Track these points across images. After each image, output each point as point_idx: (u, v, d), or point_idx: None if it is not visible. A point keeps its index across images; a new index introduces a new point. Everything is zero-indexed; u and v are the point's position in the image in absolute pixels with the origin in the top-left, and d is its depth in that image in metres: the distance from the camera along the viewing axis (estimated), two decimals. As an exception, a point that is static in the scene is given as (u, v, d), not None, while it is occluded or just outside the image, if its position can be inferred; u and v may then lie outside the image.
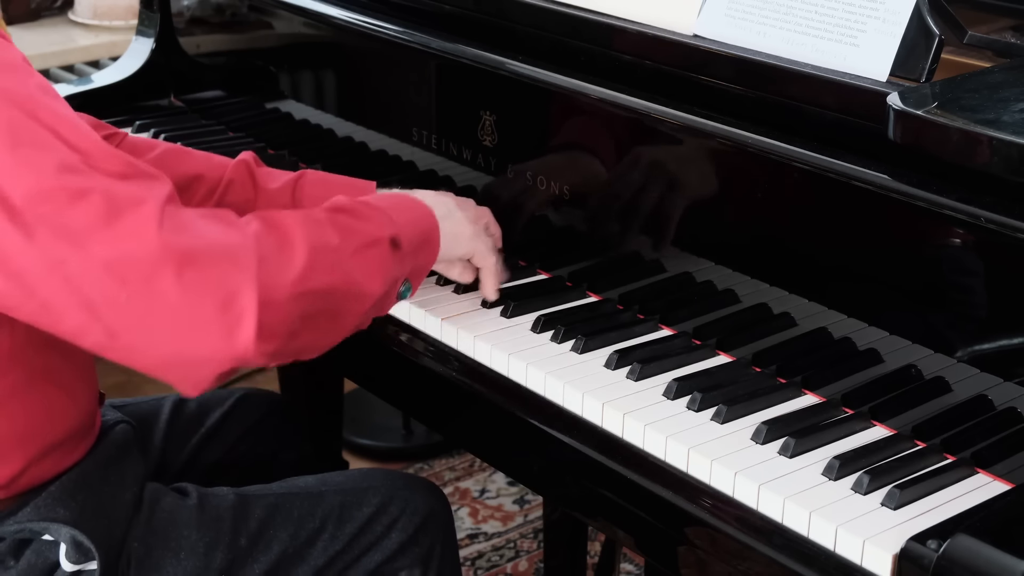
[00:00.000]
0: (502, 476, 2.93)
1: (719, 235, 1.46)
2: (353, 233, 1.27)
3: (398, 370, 1.57)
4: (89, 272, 1.12)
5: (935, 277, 1.26)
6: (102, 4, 3.37)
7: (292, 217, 1.25)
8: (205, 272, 1.13)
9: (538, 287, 1.59)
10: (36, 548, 1.35)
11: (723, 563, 1.20)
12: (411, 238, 1.35)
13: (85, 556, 1.35)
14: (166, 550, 1.41)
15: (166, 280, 1.12)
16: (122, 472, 1.43)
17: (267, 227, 1.21)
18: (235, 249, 1.16)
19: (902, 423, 1.29)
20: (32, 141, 1.13)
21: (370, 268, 1.28)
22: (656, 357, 1.41)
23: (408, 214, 1.38)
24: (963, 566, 1.03)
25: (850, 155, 1.29)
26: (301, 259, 1.20)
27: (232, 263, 1.15)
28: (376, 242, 1.29)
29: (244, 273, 1.15)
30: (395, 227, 1.32)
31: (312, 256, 1.21)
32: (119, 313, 1.12)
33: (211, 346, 1.14)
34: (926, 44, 1.30)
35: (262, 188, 1.61)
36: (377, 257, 1.29)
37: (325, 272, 1.22)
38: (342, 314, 1.27)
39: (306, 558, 1.50)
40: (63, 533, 1.34)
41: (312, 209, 1.31)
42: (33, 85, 1.17)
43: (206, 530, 1.44)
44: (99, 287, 1.12)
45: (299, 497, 1.53)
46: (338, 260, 1.24)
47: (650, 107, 1.46)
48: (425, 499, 1.60)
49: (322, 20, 1.90)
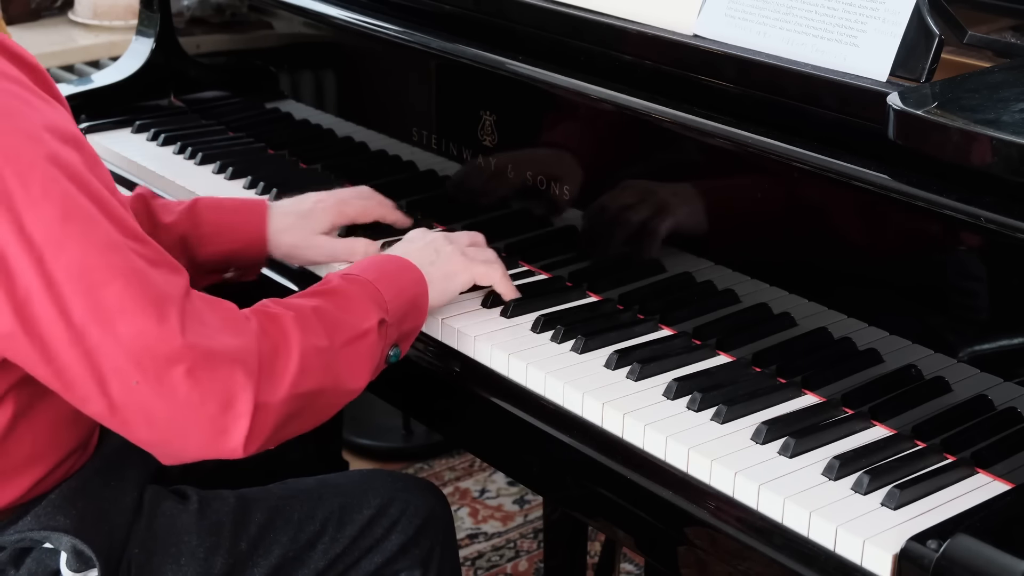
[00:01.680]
0: (502, 476, 2.93)
1: (719, 235, 1.46)
2: (341, 328, 1.31)
3: (398, 370, 1.56)
4: (109, 351, 1.16)
5: (935, 277, 1.26)
6: (102, 4, 3.38)
7: (287, 317, 1.28)
8: (214, 373, 1.19)
9: (538, 287, 1.59)
10: (36, 556, 1.35)
11: (723, 563, 1.20)
12: (397, 309, 1.38)
13: (86, 564, 1.35)
14: (166, 556, 1.41)
15: (178, 375, 1.17)
16: (122, 476, 1.43)
17: (265, 328, 1.26)
18: (242, 353, 1.21)
19: (902, 423, 1.29)
20: (82, 217, 1.17)
21: (358, 363, 1.32)
22: (656, 357, 1.41)
23: (395, 283, 1.40)
24: (963, 566, 1.03)
25: (850, 155, 1.29)
26: (295, 364, 1.25)
27: (238, 366, 1.20)
28: (364, 334, 1.33)
29: (247, 377, 1.20)
30: (382, 307, 1.36)
31: (303, 360, 1.26)
32: (127, 394, 1.18)
33: (201, 442, 1.21)
34: (926, 44, 1.30)
35: (159, 223, 1.63)
36: (365, 350, 1.33)
37: (315, 375, 1.27)
38: (326, 409, 1.33)
39: (306, 561, 1.50)
40: (63, 542, 1.34)
41: (301, 299, 1.34)
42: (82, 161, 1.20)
43: (206, 535, 1.44)
44: (115, 366, 1.17)
45: (299, 500, 1.53)
46: (327, 362, 1.29)
47: (650, 107, 1.46)
48: (425, 500, 1.60)
49: (322, 20, 1.90)
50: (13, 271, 1.15)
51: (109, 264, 1.17)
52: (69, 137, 1.21)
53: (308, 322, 1.29)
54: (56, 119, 1.21)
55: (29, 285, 1.15)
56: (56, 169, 1.16)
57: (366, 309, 1.34)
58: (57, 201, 1.15)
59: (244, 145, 2.09)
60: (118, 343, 1.16)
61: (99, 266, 1.16)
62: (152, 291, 1.18)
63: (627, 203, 1.52)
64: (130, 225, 1.21)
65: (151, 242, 1.23)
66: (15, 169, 1.14)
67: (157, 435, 1.21)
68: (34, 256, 1.14)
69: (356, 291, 1.36)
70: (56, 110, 1.23)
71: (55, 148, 1.17)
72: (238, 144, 2.09)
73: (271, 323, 1.27)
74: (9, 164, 1.14)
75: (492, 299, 1.53)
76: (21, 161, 1.14)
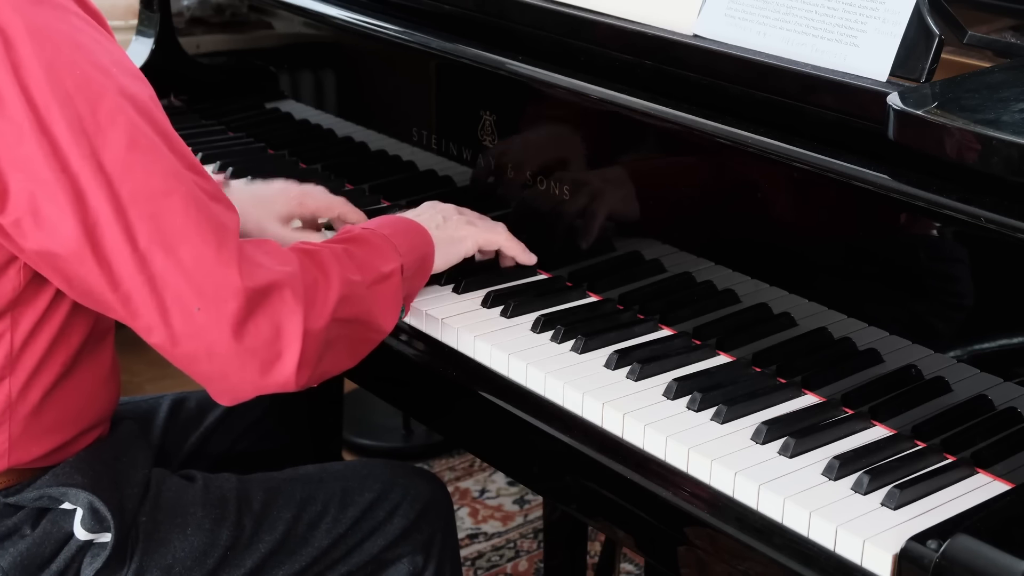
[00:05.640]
0: (502, 476, 2.93)
1: (719, 235, 1.46)
2: (369, 267, 1.36)
3: (398, 370, 1.57)
4: (172, 277, 1.21)
5: (935, 277, 1.26)
6: (102, 4, 3.37)
7: (324, 251, 1.33)
8: (268, 299, 1.23)
9: (538, 287, 1.59)
10: (52, 518, 1.38)
11: (723, 563, 1.20)
12: (411, 264, 1.43)
13: (100, 525, 1.38)
14: (173, 526, 1.44)
15: (236, 302, 1.21)
16: (132, 456, 1.47)
17: (304, 261, 1.29)
18: (290, 279, 1.25)
19: (902, 423, 1.29)
20: (148, 146, 1.21)
21: (385, 302, 1.37)
22: (656, 357, 1.41)
23: (408, 240, 1.45)
24: (963, 566, 1.03)
25: (850, 155, 1.29)
26: (336, 290, 1.29)
27: (287, 291, 1.24)
28: (389, 275, 1.37)
29: (296, 303, 1.24)
30: (400, 257, 1.40)
31: (343, 288, 1.30)
32: (188, 322, 1.21)
33: (257, 371, 1.25)
34: (926, 44, 1.30)
35: None
36: (391, 290, 1.38)
37: (353, 304, 1.32)
38: (361, 344, 1.37)
39: (309, 540, 1.52)
40: (81, 498, 1.37)
41: (329, 242, 1.39)
42: (147, 95, 1.25)
43: (211, 508, 1.47)
44: (177, 293, 1.21)
45: (300, 482, 1.56)
46: (362, 295, 1.33)
47: (650, 107, 1.46)
48: (426, 487, 1.62)
49: (322, 20, 1.90)
50: (85, 194, 1.19)
51: (173, 192, 1.21)
52: (135, 74, 1.26)
53: (342, 258, 1.33)
54: (122, 58, 1.27)
55: (99, 208, 1.19)
56: (124, 100, 1.21)
57: (389, 254, 1.39)
58: (124, 129, 1.20)
59: (244, 145, 2.09)
60: (180, 269, 1.20)
61: (163, 192, 1.21)
62: (213, 221, 1.23)
63: (627, 203, 1.52)
64: (192, 159, 1.26)
65: (210, 177, 1.28)
66: (86, 97, 1.19)
67: (217, 366, 1.24)
68: (104, 179, 1.19)
69: (377, 240, 1.40)
70: (121, 51, 1.28)
71: (123, 82, 1.22)
72: (238, 144, 2.09)
73: (309, 257, 1.31)
74: (81, 93, 1.19)
75: (492, 299, 1.54)
76: (92, 90, 1.19)
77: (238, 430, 1.76)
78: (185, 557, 1.43)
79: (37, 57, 1.18)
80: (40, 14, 1.20)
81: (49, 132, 1.18)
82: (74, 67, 1.19)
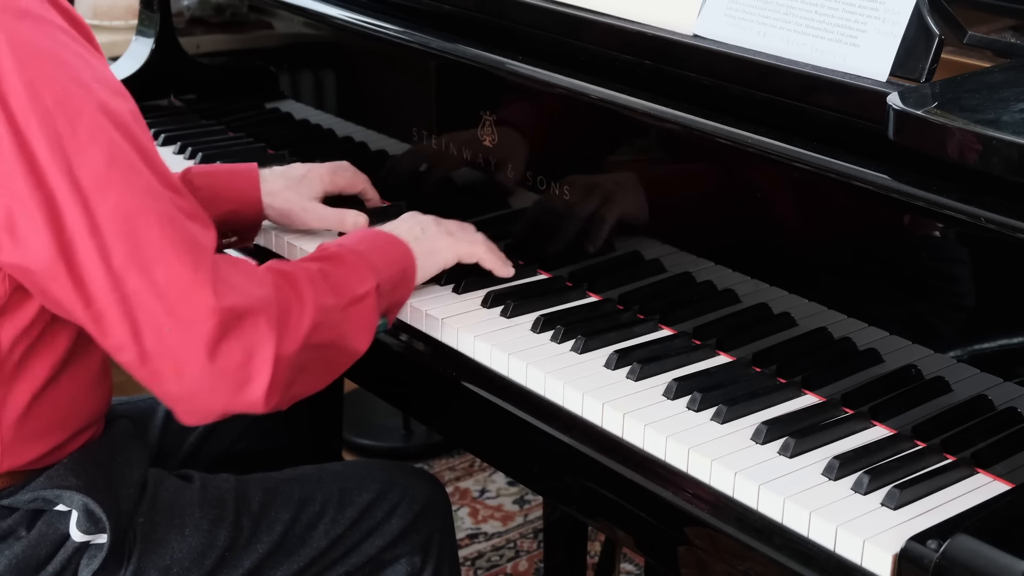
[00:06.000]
0: (502, 476, 2.93)
1: (719, 235, 1.46)
2: (343, 289, 1.35)
3: (398, 370, 1.57)
4: (145, 297, 1.20)
5: (935, 277, 1.26)
6: (102, 4, 3.37)
7: (299, 274, 1.32)
8: (241, 322, 1.22)
9: (538, 287, 1.59)
10: (48, 520, 1.38)
11: (723, 563, 1.20)
12: (389, 279, 1.42)
13: (96, 526, 1.38)
14: (171, 527, 1.44)
15: (208, 323, 1.20)
16: (128, 456, 1.47)
17: (279, 283, 1.28)
18: (264, 303, 1.24)
19: (902, 423, 1.29)
20: (126, 164, 1.20)
21: (360, 325, 1.36)
22: (656, 357, 1.41)
23: (386, 255, 1.44)
24: (963, 566, 1.03)
25: (850, 155, 1.29)
26: (309, 316, 1.28)
27: (261, 316, 1.23)
28: (364, 296, 1.36)
29: (268, 327, 1.23)
30: (376, 274, 1.39)
31: (316, 314, 1.29)
32: (159, 342, 1.20)
33: (227, 393, 1.23)
34: (926, 44, 1.30)
35: None
36: (365, 312, 1.36)
37: (326, 329, 1.30)
38: (333, 367, 1.36)
39: (307, 541, 1.52)
40: (76, 500, 1.37)
41: (304, 262, 1.38)
42: (128, 111, 1.25)
43: (209, 508, 1.47)
44: (149, 312, 1.20)
45: (299, 483, 1.56)
46: (335, 320, 1.32)
47: (650, 107, 1.46)
48: (424, 488, 1.62)
49: (322, 20, 1.90)
50: (61, 211, 1.18)
51: (149, 211, 1.20)
52: (117, 90, 1.25)
53: (316, 281, 1.32)
54: (105, 72, 1.26)
55: (74, 226, 1.19)
56: (104, 117, 1.20)
57: (364, 274, 1.38)
58: (103, 147, 1.19)
59: (244, 145, 2.09)
60: (154, 289, 1.19)
61: (140, 212, 1.20)
62: (189, 241, 1.22)
63: (627, 203, 1.52)
64: (170, 177, 1.25)
65: (188, 195, 1.27)
66: (66, 113, 1.18)
67: (186, 387, 1.23)
68: (80, 197, 1.18)
69: (353, 258, 1.39)
70: (104, 65, 1.27)
71: (104, 97, 1.22)
72: (238, 144, 2.09)
73: (284, 279, 1.30)
74: (60, 108, 1.18)
75: (492, 299, 1.54)
76: (71, 106, 1.19)
77: (237, 430, 1.76)
78: (183, 558, 1.43)
79: (18, 72, 1.17)
80: (23, 28, 1.19)
81: (28, 147, 1.17)
82: (55, 83, 1.19)
